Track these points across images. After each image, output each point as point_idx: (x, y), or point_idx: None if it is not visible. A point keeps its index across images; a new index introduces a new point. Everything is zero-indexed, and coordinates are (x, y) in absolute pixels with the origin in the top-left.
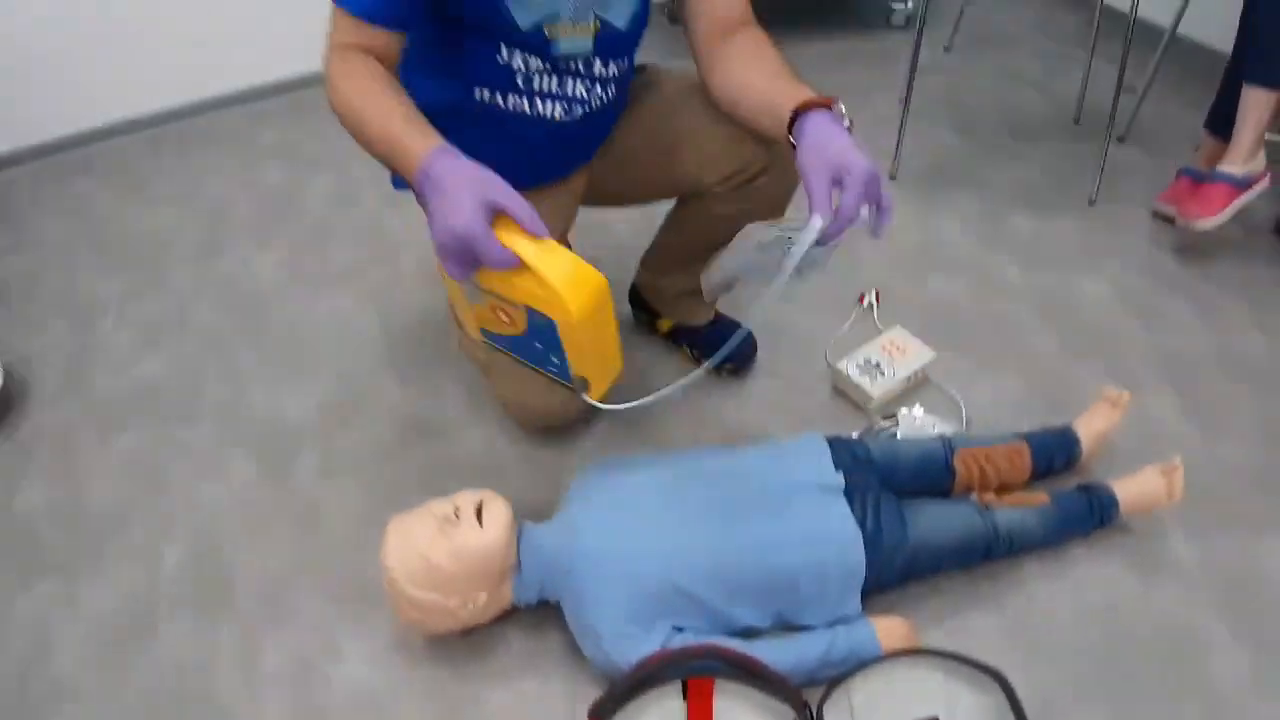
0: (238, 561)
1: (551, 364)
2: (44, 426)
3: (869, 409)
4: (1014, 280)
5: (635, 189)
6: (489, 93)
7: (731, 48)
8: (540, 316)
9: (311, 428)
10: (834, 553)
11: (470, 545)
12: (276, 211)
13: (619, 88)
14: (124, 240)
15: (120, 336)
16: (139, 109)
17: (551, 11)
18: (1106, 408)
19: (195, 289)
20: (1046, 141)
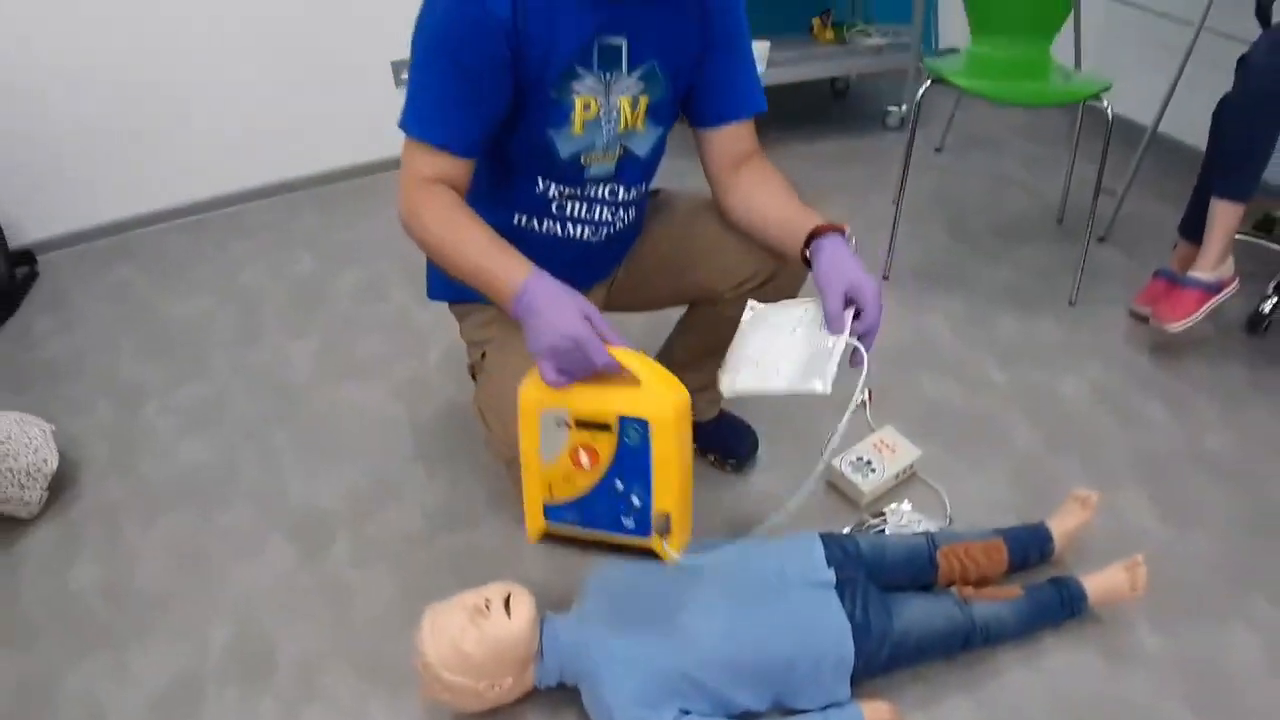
0: (278, 641)
1: (628, 515)
2: (95, 506)
3: (861, 504)
4: (998, 380)
5: (652, 300)
6: (527, 218)
7: (743, 177)
8: (631, 430)
9: (344, 514)
10: (827, 643)
11: (498, 635)
12: (308, 302)
13: (638, 210)
14: (165, 326)
15: (163, 421)
16: (178, 198)
17: (588, 144)
18: (1077, 507)
19: (232, 376)
20: (1031, 242)
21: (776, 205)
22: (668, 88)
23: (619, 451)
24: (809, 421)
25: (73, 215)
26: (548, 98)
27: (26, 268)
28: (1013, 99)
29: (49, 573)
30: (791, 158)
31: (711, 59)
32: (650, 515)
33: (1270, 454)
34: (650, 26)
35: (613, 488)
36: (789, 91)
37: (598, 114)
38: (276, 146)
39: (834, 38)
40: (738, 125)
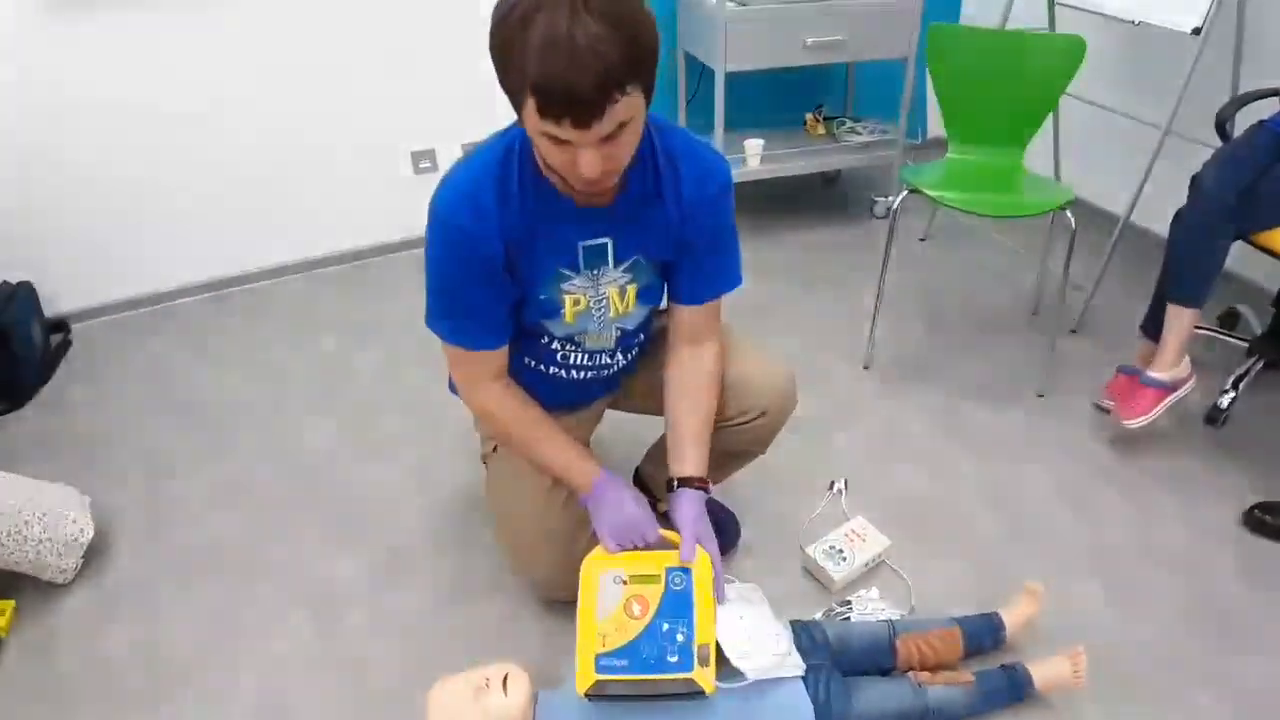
0: (296, 710)
1: (673, 652)
2: (130, 575)
3: (832, 590)
4: (967, 471)
5: (649, 409)
6: (535, 362)
7: (685, 365)
8: (676, 577)
9: (360, 588)
10: None
11: (496, 711)
12: (330, 380)
13: (640, 350)
14: (194, 401)
15: (193, 493)
16: (207, 274)
17: (581, 329)
18: (1027, 598)
19: (258, 452)
20: (1005, 334)
21: (682, 426)
22: (654, 274)
23: (665, 596)
24: (784, 506)
25: (106, 287)
26: (539, 299)
27: (61, 335)
28: (981, 211)
29: (83, 637)
30: (784, 245)
31: (690, 252)
32: (693, 649)
33: (1219, 546)
34: (632, 226)
35: (660, 629)
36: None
37: (588, 306)
38: (300, 226)
39: (825, 133)
40: (705, 306)
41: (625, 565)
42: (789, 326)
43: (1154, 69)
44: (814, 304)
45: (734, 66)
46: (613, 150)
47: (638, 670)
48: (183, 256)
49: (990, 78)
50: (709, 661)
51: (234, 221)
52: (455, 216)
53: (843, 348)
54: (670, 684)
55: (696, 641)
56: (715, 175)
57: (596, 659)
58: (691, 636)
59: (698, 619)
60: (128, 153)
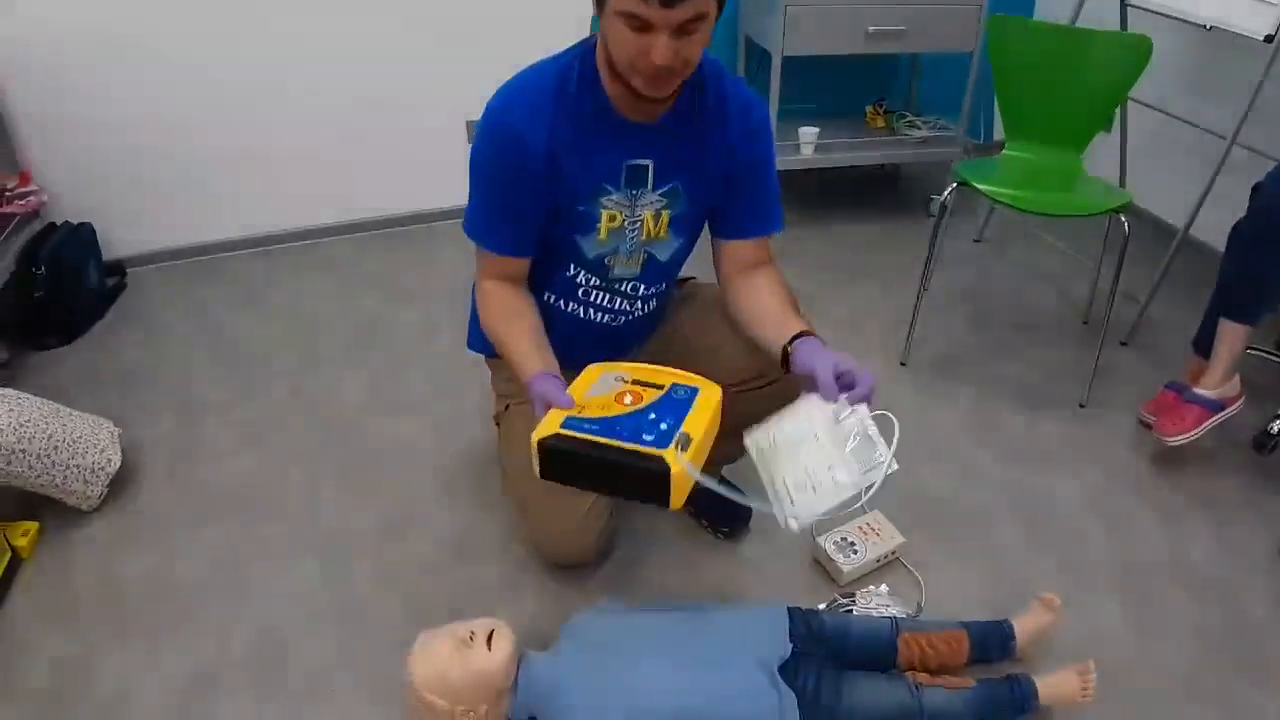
0: (293, 648)
1: (650, 433)
2: (150, 508)
3: (839, 583)
4: (995, 475)
5: None
6: (555, 297)
7: (748, 281)
8: (680, 389)
9: (369, 539)
10: (774, 711)
11: (478, 665)
12: (368, 337)
13: (659, 302)
14: (236, 346)
15: (222, 436)
16: (262, 228)
17: (612, 249)
18: (1041, 609)
19: (290, 400)
20: (1053, 341)
21: (772, 308)
22: (689, 204)
23: (662, 399)
24: None
25: (164, 235)
26: (577, 210)
27: (117, 278)
28: (1032, 208)
29: (100, 562)
30: (833, 238)
31: (736, 184)
32: (673, 434)
33: (1250, 573)
34: (676, 153)
35: (645, 416)
36: (839, 171)
37: (622, 224)
38: (355, 189)
39: (885, 126)
40: (751, 241)
41: (632, 371)
42: (827, 317)
43: (1223, 77)
44: (857, 298)
45: (792, 51)
46: (683, 46)
47: (605, 435)
48: (239, 211)
49: (1051, 74)
50: (688, 450)
51: (289, 181)
52: (507, 113)
53: (881, 343)
54: (635, 456)
55: (681, 430)
56: (755, 109)
57: (565, 419)
58: (678, 428)
59: (691, 417)
60: (193, 109)
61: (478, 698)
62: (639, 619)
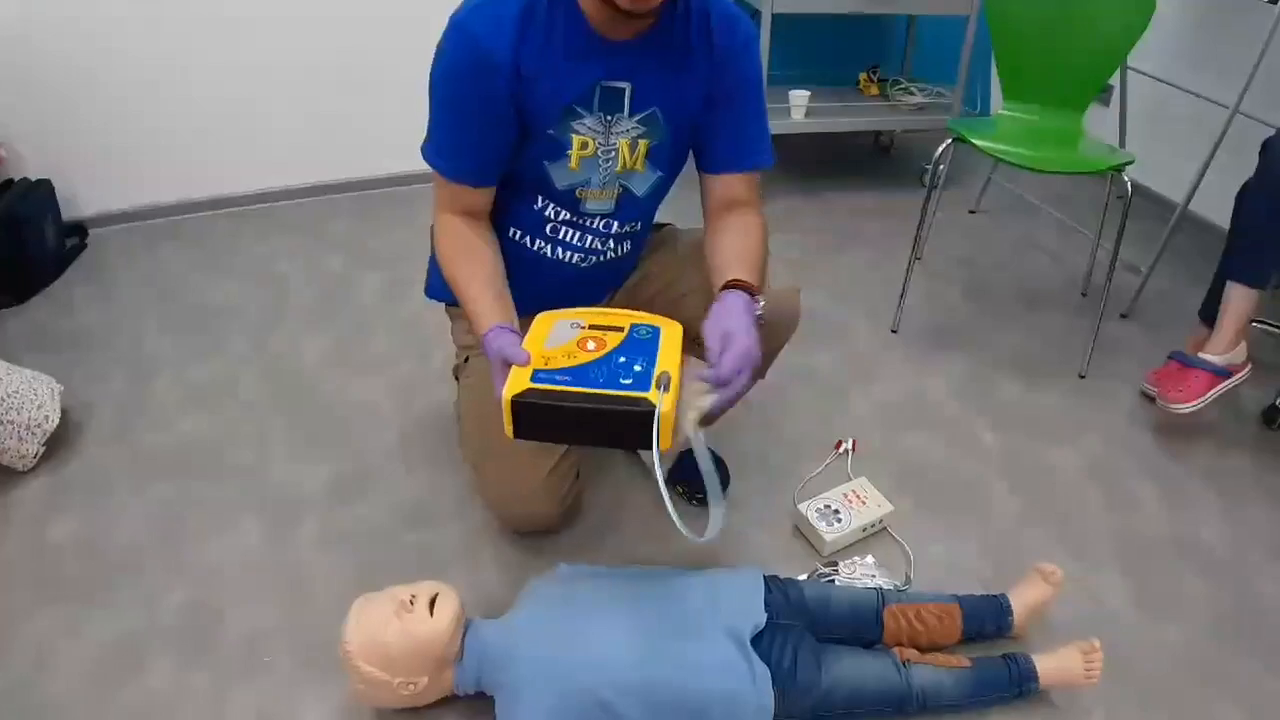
0: (227, 614)
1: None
2: (88, 468)
3: (822, 553)
4: (988, 443)
5: None
6: (521, 233)
7: (725, 222)
8: (642, 329)
9: (318, 501)
10: (745, 688)
11: (417, 632)
12: (331, 299)
13: (633, 244)
14: (195, 307)
15: (171, 395)
16: (227, 189)
17: (584, 179)
18: (1040, 580)
19: (246, 360)
20: (1051, 312)
21: (727, 252)
22: (669, 133)
23: (626, 340)
24: (784, 460)
25: (127, 195)
26: (546, 134)
27: (77, 239)
28: (1031, 165)
29: (31, 523)
30: (824, 205)
31: (719, 110)
32: (651, 376)
33: (1262, 552)
34: (655, 74)
35: (615, 360)
36: (832, 141)
37: (595, 153)
38: (323, 150)
39: (879, 93)
40: (735, 176)
41: (586, 316)
42: (815, 282)
43: (1225, 43)
44: (847, 264)
45: (783, 8)
46: None
47: (580, 384)
48: (205, 172)
49: (1052, 33)
50: (669, 389)
51: (258, 142)
52: (473, 24)
53: (871, 309)
54: (619, 401)
55: (657, 370)
56: (741, 23)
57: (534, 373)
58: (650, 370)
59: (662, 355)
60: (159, 64)
61: (417, 668)
62: (600, 584)
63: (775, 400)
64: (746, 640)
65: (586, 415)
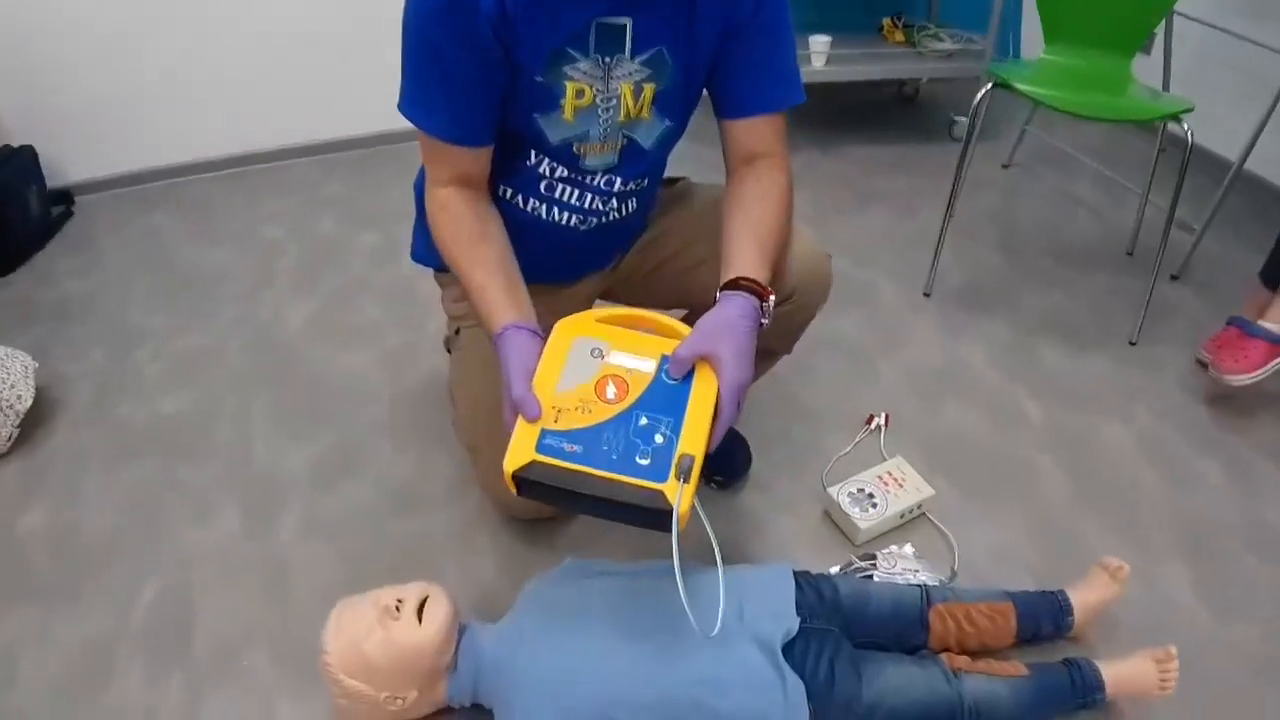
0: (203, 613)
1: (644, 454)
2: (62, 449)
3: (855, 542)
4: (1034, 417)
5: (652, 298)
6: (512, 192)
7: (744, 184)
8: None
9: (302, 484)
10: (775, 704)
11: (403, 642)
12: (322, 262)
13: (640, 202)
14: (181, 275)
15: (152, 368)
16: (218, 151)
17: (581, 132)
18: (1105, 578)
19: (232, 330)
20: (1095, 272)
21: (738, 232)
22: (678, 76)
23: (652, 386)
24: (809, 437)
25: (115, 160)
26: (534, 82)
27: (63, 208)
28: (1081, 111)
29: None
30: (845, 159)
31: (738, 42)
32: (672, 457)
33: None
34: (660, 7)
35: (634, 421)
36: (853, 91)
37: (593, 101)
38: (317, 109)
39: (904, 40)
40: (758, 120)
41: (612, 339)
42: (837, 243)
43: None
44: (872, 223)
45: None
46: None
47: (591, 463)
48: (193, 133)
49: None
50: (691, 478)
51: (247, 101)
52: None
53: (899, 271)
54: (630, 491)
55: (679, 450)
56: None
57: (541, 435)
58: (674, 443)
59: (688, 425)
60: (145, 23)
61: (405, 681)
62: (610, 584)
63: (797, 372)
64: (778, 649)
65: (595, 500)
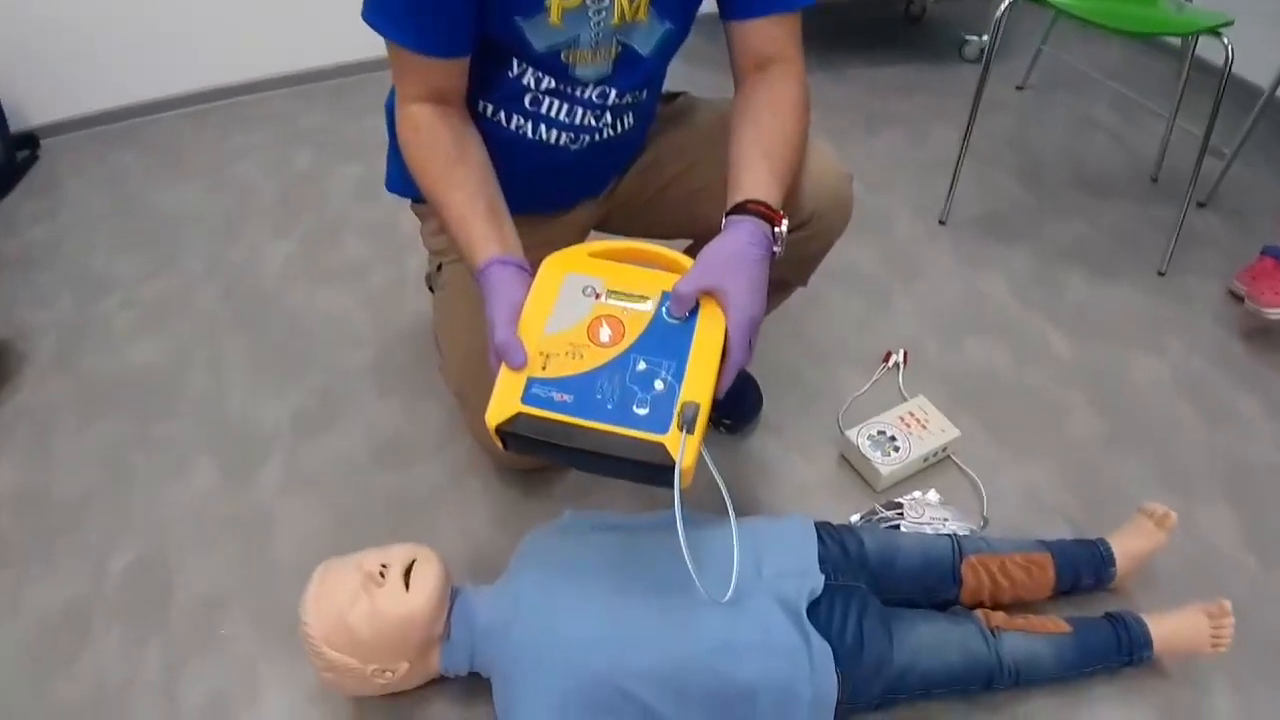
0: (180, 575)
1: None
2: (29, 405)
3: (875, 488)
4: (1061, 352)
5: (653, 227)
6: (493, 108)
7: (755, 85)
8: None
9: (282, 435)
10: (802, 670)
11: (389, 612)
12: (299, 199)
13: (637, 118)
14: (149, 217)
15: (121, 317)
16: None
17: (570, 37)
18: (1149, 526)
19: (204, 274)
20: (1117, 199)
21: (746, 149)
22: None
23: (651, 327)
24: (823, 377)
25: (81, 100)
26: None
27: (28, 151)
28: (1113, 24)
29: None
30: (848, 81)
31: None
32: (674, 406)
33: None
34: None
35: (631, 366)
36: (857, 9)
37: (583, 1)
38: (291, 35)
39: None
40: (769, 20)
41: (606, 275)
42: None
43: None
44: (880, 148)
45: None
46: None
47: (584, 414)
48: (160, 68)
49: None
50: (695, 429)
51: (218, 30)
52: None
53: (912, 198)
54: (627, 445)
55: (682, 397)
56: None
57: (527, 384)
58: (676, 389)
59: (692, 369)
60: None
61: (394, 653)
62: (613, 540)
63: (809, 306)
64: (803, 610)
65: (588, 454)
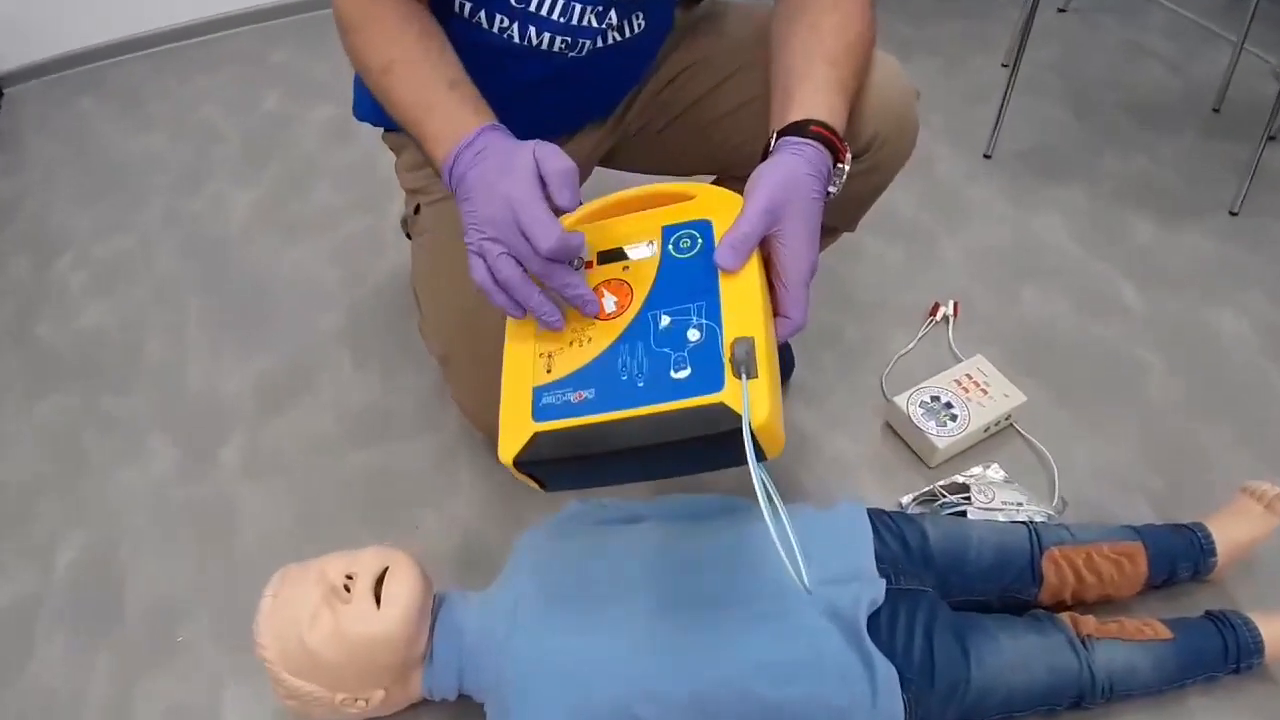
0: (133, 572)
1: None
2: None
3: (930, 465)
4: (1130, 302)
5: (672, 160)
6: (471, 7)
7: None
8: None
9: (245, 410)
10: (862, 695)
11: (357, 632)
12: (266, 143)
13: (649, 20)
14: (108, 167)
15: (75, 278)
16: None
17: None
18: (1255, 509)
19: (163, 228)
20: (1178, 131)
21: (805, 50)
22: None
23: (662, 271)
24: (864, 334)
25: (42, 44)
26: None
27: None
28: None
29: None
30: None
31: None
32: (719, 350)
33: None
34: None
35: (652, 327)
36: None
37: None
38: None
39: None
40: None
41: (591, 237)
42: None
43: None
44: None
45: None
46: None
47: (612, 405)
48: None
49: None
50: (755, 369)
51: None
52: None
53: (952, 131)
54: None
55: (726, 336)
56: None
57: (535, 395)
58: (717, 330)
59: (727, 300)
60: None
61: (365, 680)
62: (627, 536)
63: (844, 254)
64: (862, 624)
65: (638, 454)
